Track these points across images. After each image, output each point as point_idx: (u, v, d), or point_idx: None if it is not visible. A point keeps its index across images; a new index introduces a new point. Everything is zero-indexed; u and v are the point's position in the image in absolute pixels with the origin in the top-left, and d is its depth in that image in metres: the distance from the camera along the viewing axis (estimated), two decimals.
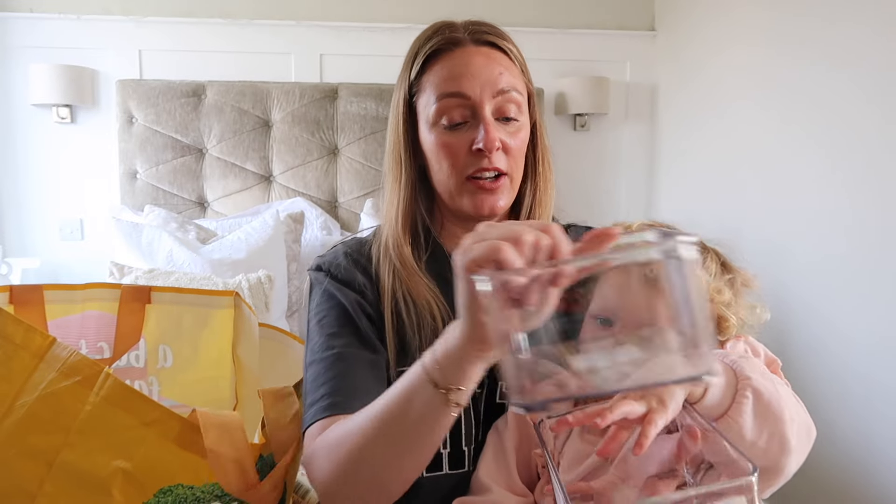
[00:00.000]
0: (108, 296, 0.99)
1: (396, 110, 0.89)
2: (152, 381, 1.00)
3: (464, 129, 0.84)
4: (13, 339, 0.63)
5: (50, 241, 2.57)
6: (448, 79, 0.83)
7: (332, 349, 0.82)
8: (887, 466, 1.71)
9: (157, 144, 2.49)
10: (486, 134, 0.82)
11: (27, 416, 0.62)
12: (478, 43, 0.85)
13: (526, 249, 0.52)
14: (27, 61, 2.47)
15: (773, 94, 2.13)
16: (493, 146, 0.82)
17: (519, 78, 0.87)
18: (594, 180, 2.92)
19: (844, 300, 1.86)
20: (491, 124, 0.82)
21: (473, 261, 0.53)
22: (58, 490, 0.62)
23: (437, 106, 0.84)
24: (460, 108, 0.83)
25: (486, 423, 0.85)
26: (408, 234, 0.89)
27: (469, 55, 0.84)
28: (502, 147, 0.84)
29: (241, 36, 2.63)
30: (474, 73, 0.82)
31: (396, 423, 0.66)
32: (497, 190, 0.85)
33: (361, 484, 0.69)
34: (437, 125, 0.85)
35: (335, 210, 2.61)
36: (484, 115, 0.82)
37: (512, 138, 0.85)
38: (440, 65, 0.84)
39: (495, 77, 0.83)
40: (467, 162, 0.84)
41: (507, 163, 0.85)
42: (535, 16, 2.79)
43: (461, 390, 0.62)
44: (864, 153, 1.78)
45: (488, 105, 0.83)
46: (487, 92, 0.83)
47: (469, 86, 0.82)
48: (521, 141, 0.87)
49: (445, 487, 0.83)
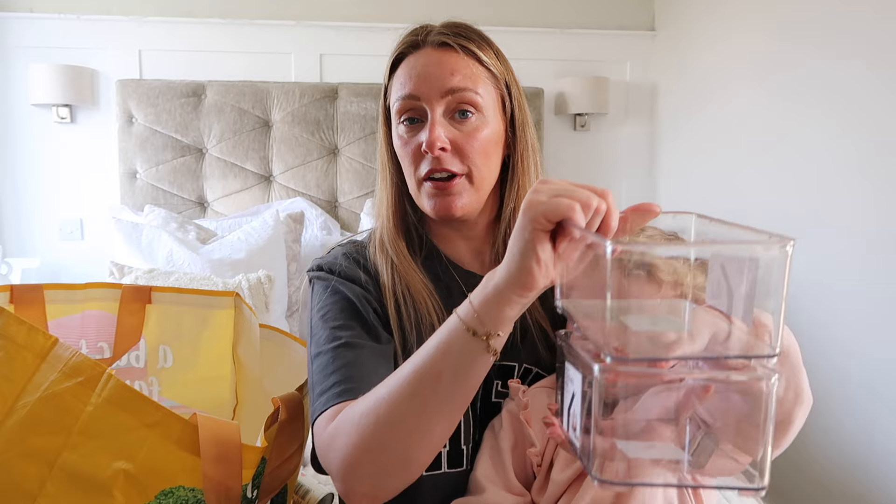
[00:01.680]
0: (108, 296, 0.99)
1: (379, 112, 0.93)
2: (152, 381, 1.00)
3: (417, 130, 0.85)
4: (16, 339, 0.63)
5: (50, 241, 2.57)
6: (404, 81, 0.85)
7: (338, 339, 0.80)
8: (887, 467, 1.71)
9: (157, 144, 2.49)
10: (428, 134, 0.82)
11: (29, 416, 0.62)
12: (434, 45, 0.85)
13: (589, 214, 0.58)
14: (27, 61, 2.47)
15: (774, 93, 2.14)
16: (433, 146, 0.82)
17: (482, 78, 0.85)
18: (594, 180, 2.91)
19: (845, 301, 1.86)
20: (437, 124, 0.83)
21: (544, 215, 0.57)
22: (59, 491, 0.62)
23: (395, 107, 0.86)
24: (413, 109, 0.85)
25: (482, 422, 0.85)
26: (401, 232, 0.91)
27: (424, 57, 0.85)
28: (453, 147, 0.83)
29: (241, 36, 2.63)
30: (425, 75, 0.84)
31: (431, 379, 0.65)
32: (450, 190, 0.85)
33: (388, 453, 0.66)
34: (398, 126, 0.87)
35: (335, 210, 2.61)
36: (431, 115, 0.83)
37: (467, 138, 0.84)
38: (402, 68, 0.87)
39: (445, 77, 0.83)
40: (420, 163, 0.85)
41: (461, 163, 0.84)
42: (536, 16, 2.79)
43: (499, 336, 0.63)
44: (868, 154, 1.78)
45: (438, 105, 0.83)
46: (435, 91, 0.83)
47: (417, 87, 0.84)
48: (481, 141, 0.85)
49: (445, 486, 0.84)
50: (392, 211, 0.91)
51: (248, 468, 0.70)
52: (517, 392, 0.81)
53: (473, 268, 0.93)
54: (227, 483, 0.66)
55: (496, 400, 0.86)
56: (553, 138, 2.85)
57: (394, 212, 0.91)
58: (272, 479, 0.77)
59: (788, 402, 0.66)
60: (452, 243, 0.94)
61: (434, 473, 0.84)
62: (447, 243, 0.94)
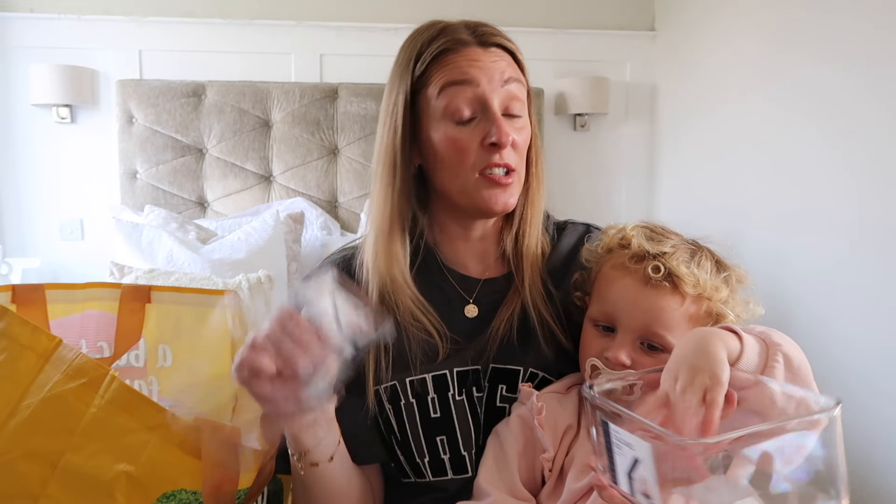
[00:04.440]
0: (108, 295, 0.99)
1: (394, 111, 0.86)
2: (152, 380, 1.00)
3: (474, 125, 0.83)
4: (20, 339, 0.63)
5: (50, 241, 2.57)
6: (456, 70, 0.82)
7: None
8: (889, 470, 1.71)
9: (157, 144, 2.49)
10: (499, 128, 0.81)
11: (32, 417, 0.62)
12: (484, 45, 0.84)
13: None
14: (27, 61, 2.47)
15: (774, 93, 2.14)
16: (507, 140, 0.82)
17: (521, 77, 0.87)
18: (594, 180, 2.93)
19: (846, 302, 1.86)
20: (502, 119, 0.82)
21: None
22: (61, 492, 0.62)
23: (445, 96, 0.82)
24: (468, 100, 0.82)
25: (486, 427, 0.85)
26: (397, 241, 0.87)
27: (477, 54, 0.83)
28: (512, 143, 0.83)
29: (241, 36, 2.63)
30: (482, 67, 0.82)
31: None
32: (509, 186, 0.85)
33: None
34: (445, 120, 0.83)
35: (335, 210, 2.61)
36: (493, 109, 0.82)
37: (519, 135, 0.85)
38: (448, 62, 0.83)
39: (501, 70, 0.83)
40: (479, 157, 0.83)
41: (516, 159, 0.85)
42: (535, 16, 2.79)
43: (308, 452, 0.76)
44: (867, 153, 1.78)
45: (496, 98, 0.82)
46: (496, 82, 0.82)
47: (476, 75, 0.82)
48: (526, 139, 0.86)
49: (451, 491, 0.84)
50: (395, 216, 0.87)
51: (249, 471, 0.70)
52: (529, 396, 0.79)
53: (473, 272, 0.92)
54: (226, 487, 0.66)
55: (501, 405, 0.86)
56: (553, 138, 2.85)
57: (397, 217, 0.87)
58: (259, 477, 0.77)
59: None
60: (453, 246, 0.92)
61: (441, 479, 0.85)
62: (448, 246, 0.92)
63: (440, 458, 0.85)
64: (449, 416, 0.85)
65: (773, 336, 0.67)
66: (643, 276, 0.76)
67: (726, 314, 0.77)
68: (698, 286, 0.75)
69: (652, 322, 0.75)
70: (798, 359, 0.66)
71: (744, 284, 0.81)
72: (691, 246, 0.80)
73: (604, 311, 0.79)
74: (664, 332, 0.74)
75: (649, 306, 0.75)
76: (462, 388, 0.85)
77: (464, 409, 0.85)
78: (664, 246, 0.78)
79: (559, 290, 0.90)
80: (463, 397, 0.85)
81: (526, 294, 0.87)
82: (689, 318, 0.75)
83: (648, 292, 0.76)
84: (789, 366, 0.65)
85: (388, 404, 0.85)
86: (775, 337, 0.67)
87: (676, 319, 0.75)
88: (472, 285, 0.91)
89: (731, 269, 0.80)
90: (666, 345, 0.74)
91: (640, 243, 0.78)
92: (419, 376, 0.85)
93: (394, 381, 0.85)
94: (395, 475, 0.89)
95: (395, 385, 0.85)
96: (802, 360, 0.66)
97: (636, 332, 0.76)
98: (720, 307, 0.77)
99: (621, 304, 0.77)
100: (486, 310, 0.89)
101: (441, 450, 0.85)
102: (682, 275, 0.74)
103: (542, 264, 0.91)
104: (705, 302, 0.76)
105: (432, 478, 0.85)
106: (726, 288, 0.77)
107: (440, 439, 0.85)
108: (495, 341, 0.86)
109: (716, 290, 0.76)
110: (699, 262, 0.77)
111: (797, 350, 0.67)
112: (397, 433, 0.86)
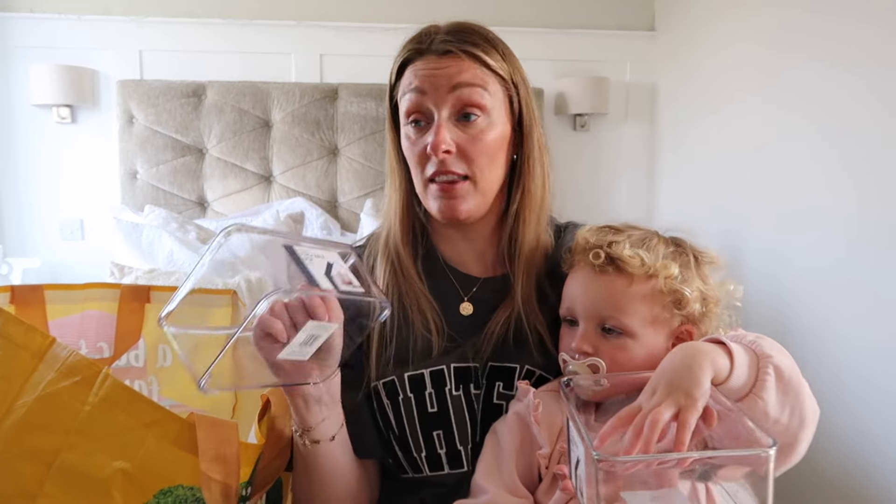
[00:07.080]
0: (107, 296, 0.99)
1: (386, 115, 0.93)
2: (152, 380, 1.00)
3: (424, 132, 0.85)
4: (14, 338, 0.63)
5: (50, 241, 2.57)
6: (411, 85, 0.85)
7: None
8: (887, 469, 1.71)
9: (158, 144, 2.49)
10: (434, 136, 0.82)
11: (27, 416, 0.62)
12: (439, 53, 0.84)
13: None
14: (27, 61, 2.47)
15: (774, 93, 2.13)
16: (438, 148, 0.82)
17: (487, 80, 0.85)
18: (594, 180, 2.92)
19: (845, 301, 1.86)
20: (442, 126, 0.82)
21: None
22: (58, 491, 0.62)
23: (402, 103, 0.87)
24: (416, 107, 0.84)
25: (484, 423, 0.86)
26: (406, 235, 0.92)
27: (430, 62, 0.85)
28: (458, 150, 0.83)
29: (241, 36, 2.63)
30: (430, 75, 0.84)
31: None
32: (454, 193, 0.85)
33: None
34: (406, 127, 0.87)
35: (335, 210, 2.61)
36: (437, 117, 0.83)
37: (471, 141, 0.84)
38: (408, 72, 0.86)
39: (449, 77, 0.83)
40: (425, 164, 0.85)
41: (467, 166, 0.84)
42: (536, 16, 2.79)
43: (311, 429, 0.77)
44: (867, 153, 1.78)
45: (443, 108, 0.83)
46: (442, 89, 0.83)
47: (422, 83, 0.84)
48: (485, 143, 0.85)
49: (448, 487, 0.85)
50: (402, 214, 0.92)
51: (247, 466, 0.70)
52: (526, 394, 0.80)
53: (473, 270, 0.93)
54: (225, 481, 0.67)
55: (498, 402, 0.86)
56: (553, 138, 2.83)
57: (404, 214, 0.92)
58: (265, 473, 0.77)
59: (793, 428, 0.66)
60: (453, 244, 0.94)
61: (437, 474, 0.85)
62: (448, 244, 0.94)
63: (436, 453, 0.85)
64: (446, 410, 0.86)
65: (765, 346, 0.67)
66: (590, 266, 0.80)
67: (681, 290, 0.78)
68: (644, 265, 0.77)
69: (603, 306, 0.78)
70: (789, 369, 0.66)
71: (716, 265, 0.83)
72: (649, 235, 0.83)
73: (565, 305, 0.83)
74: (617, 314, 0.77)
75: (598, 292, 0.79)
76: (459, 384, 0.86)
77: (460, 403, 0.86)
78: (615, 237, 0.81)
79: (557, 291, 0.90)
80: (460, 392, 0.86)
81: (518, 304, 0.88)
82: (641, 297, 0.78)
83: (596, 279, 0.80)
84: (780, 377, 0.65)
85: (386, 399, 0.87)
86: (766, 347, 0.67)
87: (627, 300, 0.77)
88: (471, 283, 0.92)
89: (700, 253, 0.83)
90: (622, 327, 0.77)
91: (586, 238, 0.82)
92: (417, 371, 0.86)
93: (393, 375, 0.86)
94: (393, 471, 0.90)
95: (393, 380, 0.87)
96: (794, 370, 0.66)
97: (593, 319, 0.79)
98: (673, 284, 0.77)
99: (575, 295, 0.82)
100: (483, 309, 0.90)
101: (437, 444, 0.85)
102: (623, 257, 0.78)
103: (542, 266, 0.91)
104: (654, 280, 0.77)
105: (429, 472, 0.86)
106: (676, 266, 0.78)
107: (437, 434, 0.86)
108: (491, 341, 0.87)
109: (664, 267, 0.78)
110: (648, 246, 0.80)
111: (788, 359, 0.67)
112: (395, 428, 0.87)
